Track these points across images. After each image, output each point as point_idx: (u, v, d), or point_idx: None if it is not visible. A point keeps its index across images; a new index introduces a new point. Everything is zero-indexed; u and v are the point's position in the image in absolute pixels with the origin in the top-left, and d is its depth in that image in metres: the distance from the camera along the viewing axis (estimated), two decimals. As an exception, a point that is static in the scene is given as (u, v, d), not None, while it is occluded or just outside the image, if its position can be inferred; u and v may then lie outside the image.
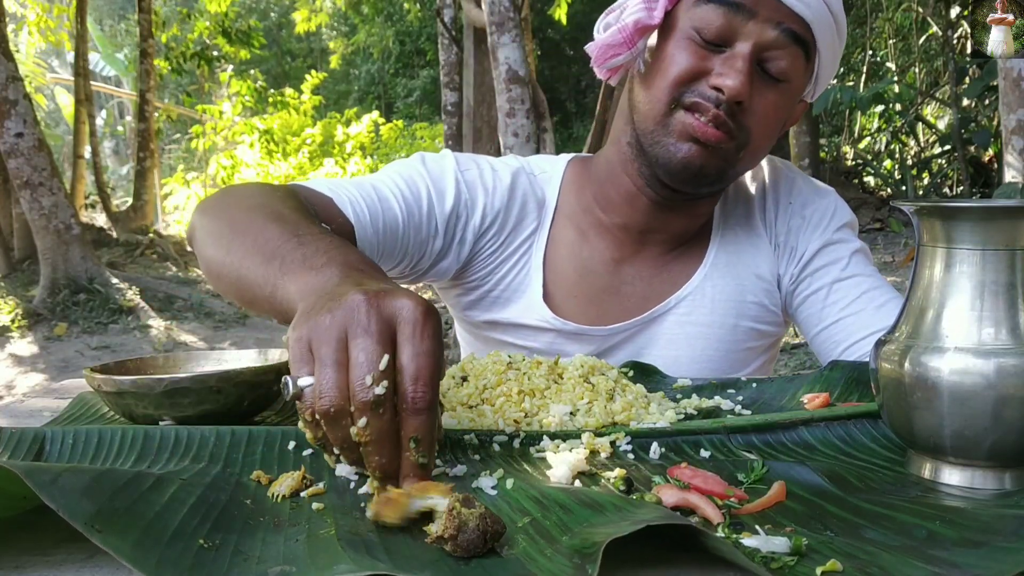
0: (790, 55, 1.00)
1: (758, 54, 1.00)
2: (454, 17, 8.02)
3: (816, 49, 1.03)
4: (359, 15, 16.44)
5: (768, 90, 1.02)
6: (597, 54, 1.09)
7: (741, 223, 1.18)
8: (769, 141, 1.08)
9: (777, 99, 1.03)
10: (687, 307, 1.14)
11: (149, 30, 10.26)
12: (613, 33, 1.07)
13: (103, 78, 16.81)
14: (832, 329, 1.10)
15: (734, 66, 0.98)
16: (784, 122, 1.09)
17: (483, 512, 0.51)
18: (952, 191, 7.95)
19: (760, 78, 1.01)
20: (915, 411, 0.64)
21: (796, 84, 1.04)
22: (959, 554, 0.50)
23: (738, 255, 1.16)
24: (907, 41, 9.71)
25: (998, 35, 2.30)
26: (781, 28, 0.99)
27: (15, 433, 0.71)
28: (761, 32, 0.99)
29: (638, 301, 1.16)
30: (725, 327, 1.14)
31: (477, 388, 0.82)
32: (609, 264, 1.16)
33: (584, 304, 1.15)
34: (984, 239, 0.62)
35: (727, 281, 1.15)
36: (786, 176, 1.20)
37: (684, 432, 0.76)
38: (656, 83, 1.03)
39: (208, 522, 0.55)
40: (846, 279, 1.11)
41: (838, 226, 1.15)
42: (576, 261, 1.16)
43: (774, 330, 1.18)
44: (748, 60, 0.99)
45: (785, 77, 1.01)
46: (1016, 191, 3.12)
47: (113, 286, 6.95)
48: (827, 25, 1.01)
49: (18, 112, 6.48)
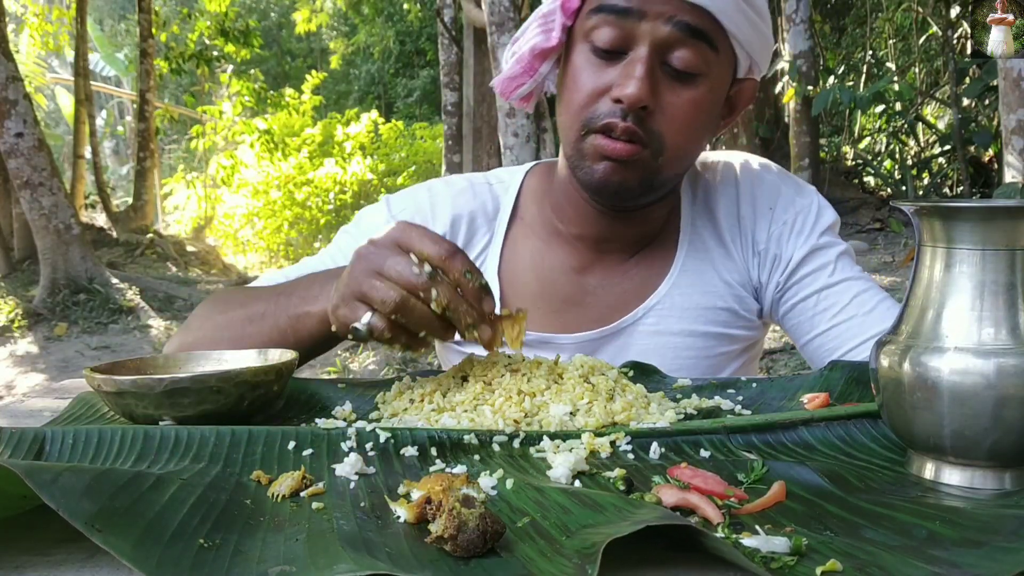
0: (693, 48, 0.96)
1: (659, 54, 0.96)
2: (454, 17, 8.03)
3: (725, 32, 0.98)
4: (359, 15, 16.45)
5: (680, 88, 0.98)
6: (501, 88, 1.09)
7: (709, 229, 1.15)
8: (693, 139, 1.03)
9: (693, 95, 0.99)
10: (656, 317, 1.12)
11: (149, 30, 10.27)
12: (512, 65, 1.07)
13: (103, 78, 16.82)
14: (824, 337, 1.09)
15: (631, 73, 0.95)
16: (713, 113, 1.04)
17: (483, 512, 0.51)
18: (952, 191, 7.95)
19: (668, 77, 0.98)
20: (915, 411, 0.64)
21: (715, 73, 1.00)
22: (959, 554, 0.50)
23: (707, 262, 1.14)
24: (907, 41, 9.71)
25: (998, 35, 2.31)
26: (674, 23, 0.95)
27: (15, 433, 0.71)
28: (654, 31, 0.95)
29: (603, 310, 1.14)
30: (695, 335, 1.12)
31: (477, 388, 0.82)
32: (570, 273, 1.14)
33: (548, 313, 1.14)
34: (984, 239, 0.62)
35: (695, 289, 1.13)
36: (763, 179, 1.16)
37: (684, 432, 0.76)
38: (565, 109, 1.03)
39: (208, 522, 0.55)
40: (834, 285, 1.10)
41: (822, 230, 1.12)
42: (538, 270, 1.15)
43: (747, 334, 1.16)
44: (646, 63, 0.95)
45: (694, 70, 0.97)
46: (1016, 191, 3.12)
47: (113, 286, 6.95)
48: (731, 2, 0.96)
49: (18, 112, 6.49)
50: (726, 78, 1.03)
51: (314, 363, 3.80)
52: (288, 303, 0.98)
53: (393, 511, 0.57)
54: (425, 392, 0.84)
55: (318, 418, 0.82)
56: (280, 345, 0.97)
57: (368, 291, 0.81)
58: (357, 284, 0.82)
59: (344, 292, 0.84)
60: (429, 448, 0.71)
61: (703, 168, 1.19)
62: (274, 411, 0.87)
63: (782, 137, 7.64)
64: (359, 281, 0.82)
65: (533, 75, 1.07)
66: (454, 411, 0.79)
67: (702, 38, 0.96)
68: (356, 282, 0.82)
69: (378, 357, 5.21)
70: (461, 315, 0.79)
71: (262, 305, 1.01)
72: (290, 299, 0.99)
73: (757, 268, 1.14)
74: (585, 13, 1.00)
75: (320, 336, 0.97)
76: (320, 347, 1.00)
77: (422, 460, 0.70)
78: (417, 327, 0.81)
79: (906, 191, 7.44)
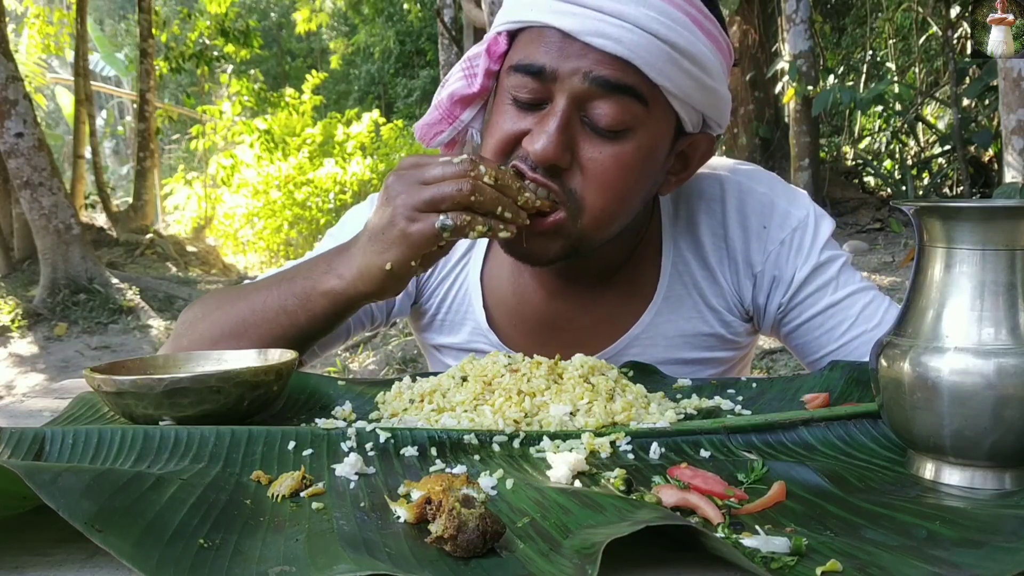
0: (616, 102, 0.89)
1: (577, 109, 0.90)
2: (454, 17, 8.02)
3: (655, 86, 0.90)
4: (359, 15, 16.45)
5: (602, 143, 0.91)
6: (420, 135, 1.06)
7: (692, 251, 1.09)
8: (620, 199, 0.95)
9: (617, 151, 0.91)
10: (640, 347, 1.09)
11: (149, 30, 10.26)
12: (431, 111, 1.04)
13: (103, 78, 16.81)
14: (833, 357, 1.05)
15: (544, 127, 0.90)
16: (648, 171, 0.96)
17: (483, 512, 0.51)
18: (952, 191, 7.95)
19: (590, 132, 0.91)
20: (915, 411, 0.64)
21: (648, 128, 0.92)
22: (959, 554, 0.50)
23: (691, 287, 1.09)
24: (907, 41, 9.70)
25: (998, 35, 2.30)
26: (591, 78, 0.88)
27: (15, 433, 0.71)
28: (571, 88, 0.89)
29: (579, 334, 1.09)
30: (680, 362, 1.09)
31: (477, 388, 0.82)
32: (543, 295, 1.11)
33: (525, 333, 1.12)
34: (984, 239, 0.62)
35: (679, 315, 1.09)
36: (752, 194, 1.09)
37: (684, 432, 0.76)
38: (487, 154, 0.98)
39: (208, 522, 0.55)
40: (840, 301, 1.06)
41: (822, 244, 1.07)
42: (515, 287, 1.12)
43: (734, 354, 1.14)
44: (560, 119, 0.89)
45: (617, 126, 0.90)
46: (1016, 191, 3.12)
47: (113, 286, 6.95)
48: (659, 54, 0.87)
49: (18, 112, 6.48)
50: (665, 133, 0.95)
51: (314, 363, 3.80)
52: (293, 286, 0.97)
53: (393, 511, 0.57)
54: (425, 392, 0.84)
55: (318, 418, 0.82)
56: (287, 328, 0.97)
57: (432, 195, 0.87)
58: (415, 197, 0.87)
59: (402, 212, 0.88)
60: (429, 448, 0.71)
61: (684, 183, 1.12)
62: (274, 411, 0.87)
63: (782, 137, 7.64)
64: (414, 194, 0.88)
65: (453, 122, 1.03)
66: (454, 411, 0.79)
67: (627, 92, 0.89)
68: (413, 196, 0.87)
69: (378, 357, 5.21)
70: (509, 179, 0.88)
71: (263, 294, 0.99)
72: (294, 282, 0.98)
73: (752, 291, 1.09)
74: (506, 69, 0.96)
75: (332, 311, 0.96)
76: (330, 324, 0.99)
77: (422, 460, 0.70)
78: (491, 203, 0.87)
79: (906, 191, 7.43)
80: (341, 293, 0.94)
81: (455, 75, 1.03)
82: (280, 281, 1.00)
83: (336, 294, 0.95)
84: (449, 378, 0.86)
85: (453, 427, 0.75)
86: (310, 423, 0.80)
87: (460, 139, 1.06)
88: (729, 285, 1.10)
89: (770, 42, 7.82)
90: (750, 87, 7.74)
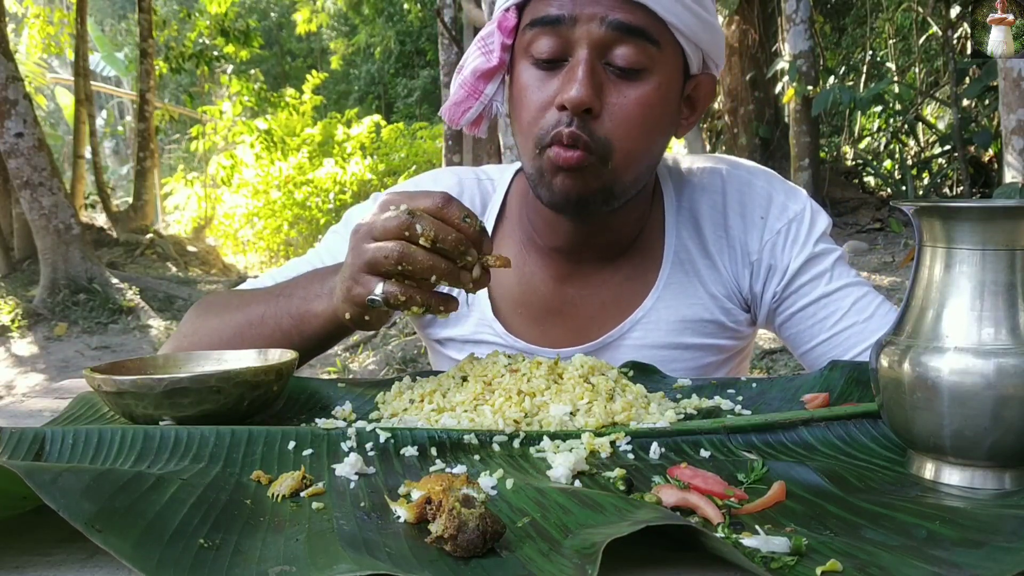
0: (633, 45, 0.95)
1: (599, 55, 0.96)
2: (454, 17, 8.02)
3: (666, 27, 0.96)
4: (359, 15, 16.45)
5: (625, 86, 0.97)
6: (449, 116, 1.09)
7: (694, 239, 1.13)
8: (645, 140, 1.00)
9: (639, 92, 0.97)
10: (642, 331, 1.11)
11: (149, 30, 10.27)
12: (456, 90, 1.07)
13: (103, 78, 16.81)
14: (824, 346, 1.09)
15: (572, 77, 0.95)
16: (667, 112, 1.02)
17: (483, 512, 0.51)
18: (952, 191, 7.95)
19: (613, 77, 0.96)
20: (915, 411, 0.64)
21: (662, 69, 0.98)
22: (959, 554, 0.50)
23: (693, 274, 1.12)
24: (907, 41, 9.71)
25: (998, 35, 2.30)
26: (608, 22, 0.94)
27: (15, 433, 0.71)
28: (590, 34, 0.94)
29: (584, 321, 1.12)
30: (681, 347, 1.11)
31: (477, 388, 0.82)
32: (550, 283, 1.13)
33: (530, 321, 1.13)
34: (984, 239, 0.62)
35: (681, 301, 1.11)
36: (751, 186, 1.13)
37: (684, 432, 0.76)
38: (518, 128, 1.03)
39: (208, 522, 0.55)
40: (833, 292, 1.09)
41: (817, 237, 1.11)
42: (520, 275, 1.14)
43: (735, 343, 1.15)
44: (586, 65, 0.94)
45: (638, 66, 0.96)
46: (1016, 191, 3.12)
47: (113, 286, 6.95)
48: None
49: (18, 112, 6.49)
50: (676, 74, 1.01)
51: (314, 363, 3.80)
52: (289, 304, 0.99)
53: (393, 511, 0.57)
54: (425, 392, 0.85)
55: (318, 418, 0.82)
56: (283, 347, 0.97)
57: (370, 258, 0.84)
58: (360, 257, 0.85)
59: (351, 271, 0.87)
60: (429, 448, 0.71)
61: (688, 174, 1.17)
62: (274, 411, 0.87)
63: (782, 137, 7.63)
64: (359, 254, 0.86)
65: (479, 97, 1.06)
66: (454, 411, 0.79)
67: (641, 35, 0.95)
68: (358, 256, 0.86)
69: (378, 357, 5.21)
70: (451, 244, 0.83)
71: (260, 307, 1.01)
72: (291, 300, 0.99)
73: (749, 279, 1.12)
74: (522, 29, 1.00)
75: (325, 334, 0.98)
76: (324, 345, 1.01)
77: (422, 460, 0.70)
78: (422, 271, 0.83)
79: (906, 191, 7.43)
80: (330, 320, 0.96)
81: (472, 54, 1.06)
82: (278, 297, 1.01)
83: (326, 319, 0.96)
84: (449, 378, 0.86)
85: (453, 427, 0.75)
86: (310, 423, 0.80)
87: (486, 114, 1.09)
88: (728, 272, 1.12)
89: (770, 42, 7.81)
90: (750, 87, 7.74)
